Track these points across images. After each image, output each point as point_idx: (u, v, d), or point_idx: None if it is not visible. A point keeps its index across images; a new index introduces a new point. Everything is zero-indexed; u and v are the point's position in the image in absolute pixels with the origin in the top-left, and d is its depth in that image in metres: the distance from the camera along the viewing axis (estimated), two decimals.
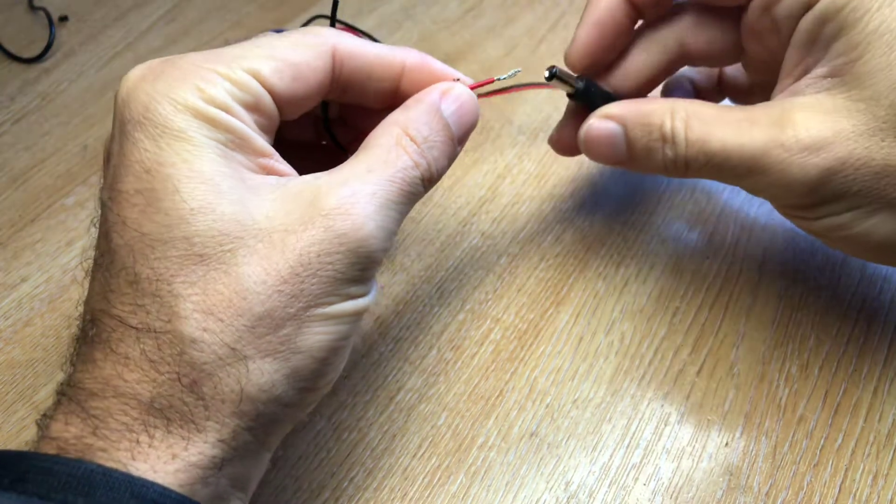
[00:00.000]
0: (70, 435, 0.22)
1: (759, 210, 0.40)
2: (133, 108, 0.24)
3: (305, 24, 0.53)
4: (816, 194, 0.29)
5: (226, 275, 0.23)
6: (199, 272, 0.23)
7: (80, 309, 0.26)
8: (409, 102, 0.28)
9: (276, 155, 0.26)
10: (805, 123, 0.28)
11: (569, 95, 0.34)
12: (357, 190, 0.25)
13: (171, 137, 0.24)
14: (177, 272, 0.23)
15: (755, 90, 0.37)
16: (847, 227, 0.29)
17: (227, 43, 0.26)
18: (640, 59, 0.34)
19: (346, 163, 0.26)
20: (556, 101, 0.46)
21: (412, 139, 0.27)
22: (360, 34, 0.44)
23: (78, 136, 0.46)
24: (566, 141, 0.36)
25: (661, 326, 0.36)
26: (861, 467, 0.31)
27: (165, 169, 0.23)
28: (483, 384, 0.34)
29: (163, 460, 0.22)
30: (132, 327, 0.23)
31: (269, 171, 0.26)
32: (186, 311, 0.22)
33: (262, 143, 0.26)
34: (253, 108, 0.25)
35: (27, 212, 0.42)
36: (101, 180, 0.27)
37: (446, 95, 0.28)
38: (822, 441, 0.32)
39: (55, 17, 0.52)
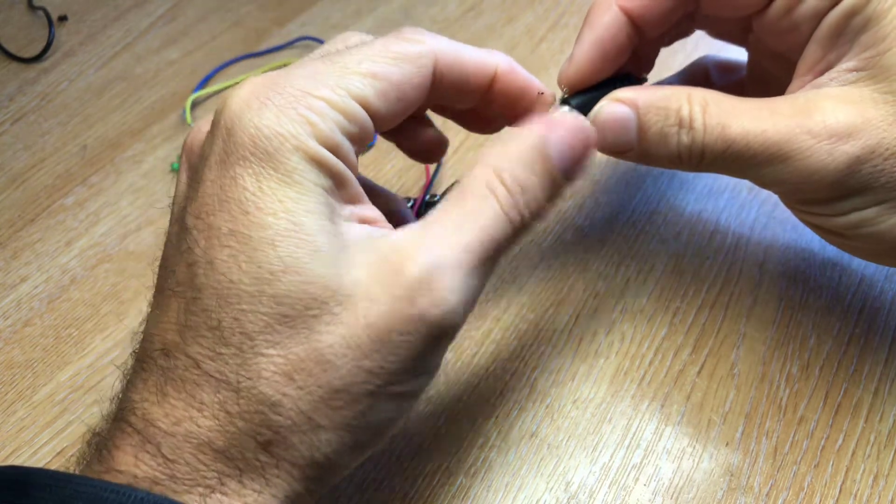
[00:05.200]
0: (142, 473, 0.22)
1: (759, 210, 0.40)
2: (238, 139, 0.22)
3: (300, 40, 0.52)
4: (842, 186, 0.27)
5: (307, 340, 0.22)
6: (282, 333, 0.22)
7: (142, 326, 0.25)
8: (504, 136, 0.26)
9: (366, 199, 0.25)
10: (833, 110, 0.27)
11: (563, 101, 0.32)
12: (442, 260, 0.23)
13: (276, 180, 0.22)
14: (261, 330, 0.22)
15: (749, 86, 0.37)
16: (871, 224, 0.28)
17: (224, 43, 0.25)
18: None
19: (435, 214, 0.24)
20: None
21: (505, 186, 0.24)
22: None
23: (77, 136, 0.46)
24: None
25: (662, 326, 0.36)
26: (862, 468, 0.31)
27: (265, 217, 0.22)
28: (483, 384, 0.34)
29: None
30: (210, 375, 0.22)
31: (358, 219, 0.25)
32: (268, 372, 0.22)
33: (358, 187, 0.25)
34: (356, 139, 0.24)
35: (26, 212, 0.42)
36: (177, 197, 0.25)
37: (547, 126, 0.25)
38: (822, 441, 0.32)
39: (54, 16, 0.52)
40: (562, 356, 0.35)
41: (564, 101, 0.31)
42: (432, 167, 0.43)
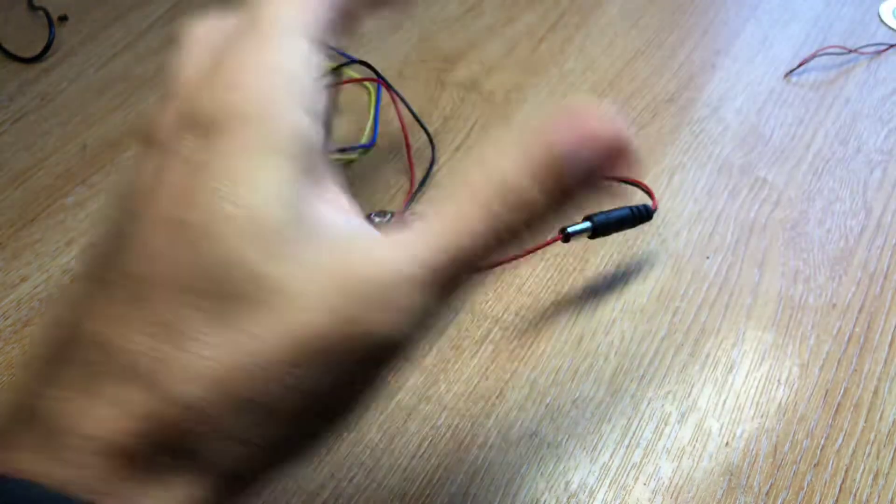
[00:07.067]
0: (32, 469, 0.20)
1: (759, 210, 0.40)
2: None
3: None
4: None
5: (236, 348, 0.20)
6: (218, 336, 0.21)
7: (59, 312, 0.24)
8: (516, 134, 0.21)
9: (336, 189, 0.22)
10: None
11: (590, 237, 0.36)
12: (396, 274, 0.19)
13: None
14: (197, 328, 0.21)
15: None
16: None
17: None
18: None
19: (415, 221, 0.20)
20: (559, 102, 0.46)
21: (497, 194, 0.20)
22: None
23: (77, 136, 0.46)
24: None
25: (661, 326, 0.36)
26: (861, 467, 0.31)
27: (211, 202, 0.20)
28: (483, 384, 0.34)
29: None
30: (131, 370, 0.21)
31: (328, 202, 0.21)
32: (192, 374, 0.20)
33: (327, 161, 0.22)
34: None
35: (27, 212, 0.42)
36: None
37: (564, 126, 0.19)
38: (822, 441, 0.32)
39: (55, 16, 0.52)
40: (562, 356, 0.35)
41: (585, 220, 0.36)
42: (418, 175, 0.42)
